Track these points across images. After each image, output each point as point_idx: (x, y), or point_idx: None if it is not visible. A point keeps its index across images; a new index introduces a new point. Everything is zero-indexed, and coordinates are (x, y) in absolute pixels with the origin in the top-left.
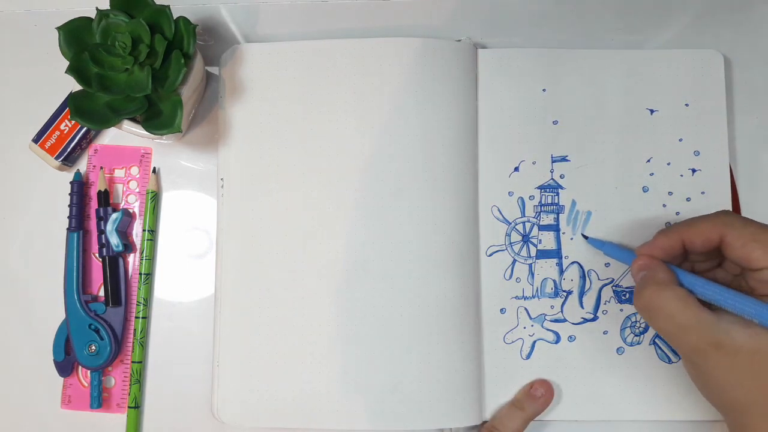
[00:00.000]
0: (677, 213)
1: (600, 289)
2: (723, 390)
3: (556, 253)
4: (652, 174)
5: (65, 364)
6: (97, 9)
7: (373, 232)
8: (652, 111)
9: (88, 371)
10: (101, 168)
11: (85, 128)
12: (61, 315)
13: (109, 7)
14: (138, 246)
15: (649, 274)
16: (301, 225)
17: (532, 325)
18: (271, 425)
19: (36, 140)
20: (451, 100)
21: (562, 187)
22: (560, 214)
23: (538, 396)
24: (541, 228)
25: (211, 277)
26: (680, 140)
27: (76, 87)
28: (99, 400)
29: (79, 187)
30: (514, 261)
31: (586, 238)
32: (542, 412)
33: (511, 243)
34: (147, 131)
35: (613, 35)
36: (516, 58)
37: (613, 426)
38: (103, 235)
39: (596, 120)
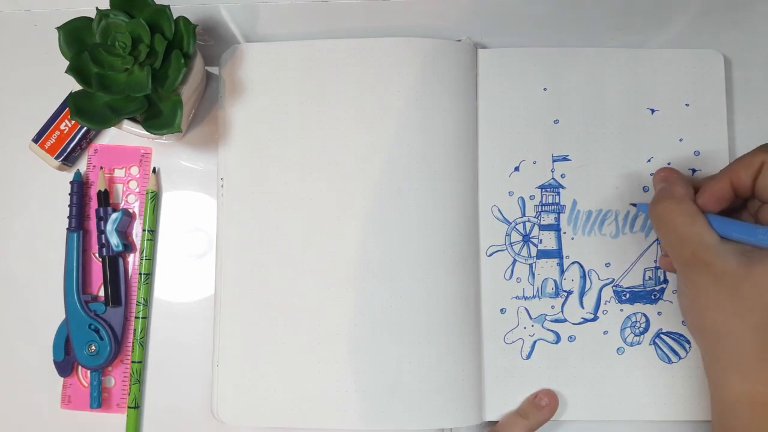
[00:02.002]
0: None
1: (600, 289)
2: (702, 311)
3: (557, 253)
4: (652, 174)
5: (65, 364)
6: (97, 9)
7: (373, 232)
8: (652, 111)
9: (88, 371)
10: (101, 168)
11: (85, 128)
12: (61, 315)
13: (109, 7)
14: (138, 246)
15: (667, 186)
16: (301, 225)
17: (532, 325)
18: (271, 425)
19: (36, 140)
20: (451, 100)
21: (562, 187)
22: (561, 214)
23: (542, 405)
24: (542, 228)
25: (211, 277)
26: (680, 140)
27: (76, 87)
28: (99, 400)
29: (79, 187)
30: (515, 261)
31: (635, 206)
32: (545, 423)
33: (511, 243)
34: (147, 131)
35: (613, 35)
36: (516, 58)
37: (613, 426)
38: (103, 235)
39: (597, 119)
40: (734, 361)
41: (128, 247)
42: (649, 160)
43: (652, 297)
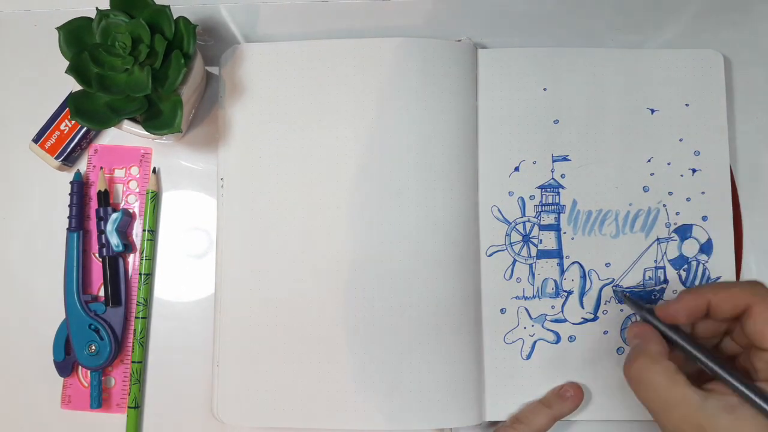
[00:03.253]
0: (677, 213)
1: (600, 289)
2: None
3: (557, 253)
4: (652, 174)
5: (65, 364)
6: (97, 9)
7: (373, 232)
8: (652, 111)
9: (88, 371)
10: (101, 168)
11: (85, 128)
12: (61, 315)
13: (109, 7)
14: (138, 246)
15: (641, 344)
16: (301, 225)
17: (532, 325)
18: (271, 425)
19: (36, 140)
20: (451, 100)
21: (562, 187)
22: (561, 214)
23: (567, 396)
24: (542, 228)
25: (211, 277)
26: (680, 140)
27: (76, 87)
28: (99, 400)
29: (79, 187)
30: (515, 261)
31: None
32: (569, 414)
33: (511, 243)
34: (147, 131)
35: (613, 35)
36: (516, 58)
37: (613, 426)
38: (103, 235)
39: (597, 119)
40: None
41: (128, 247)
42: (649, 160)
43: (652, 297)
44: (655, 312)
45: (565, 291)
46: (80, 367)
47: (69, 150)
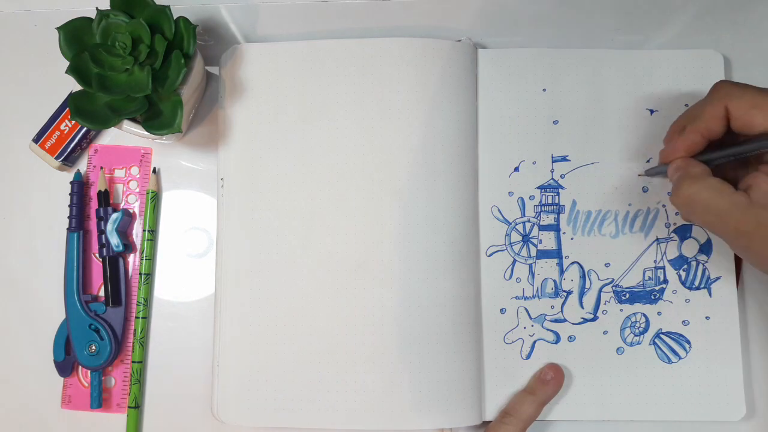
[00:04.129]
0: (677, 213)
1: (600, 289)
2: None
3: (557, 253)
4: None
5: (65, 364)
6: (97, 9)
7: (372, 232)
8: (652, 111)
9: (88, 371)
10: (101, 168)
11: (85, 128)
12: (61, 315)
13: (109, 7)
14: (138, 246)
15: (683, 172)
16: (301, 225)
17: (532, 325)
18: (271, 425)
19: (36, 140)
20: (451, 100)
21: (562, 187)
22: (560, 214)
23: (548, 379)
24: (542, 228)
25: (211, 277)
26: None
27: (76, 87)
28: (99, 400)
29: (79, 187)
30: (514, 261)
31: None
32: (553, 396)
33: (511, 243)
34: (147, 131)
35: (613, 35)
36: (516, 58)
37: (613, 426)
38: (103, 235)
39: (596, 120)
40: None
41: (128, 247)
42: (648, 161)
43: (652, 297)
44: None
45: (564, 291)
46: (80, 367)
47: (69, 150)
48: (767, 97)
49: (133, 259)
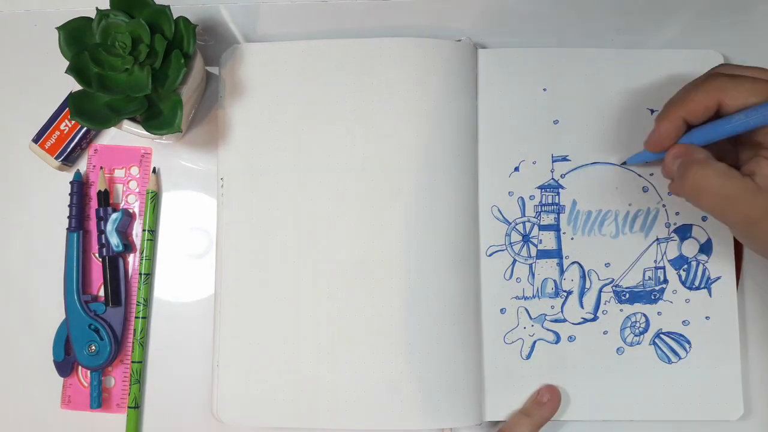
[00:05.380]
0: (677, 213)
1: (600, 289)
2: None
3: (557, 253)
4: (652, 174)
5: (65, 364)
6: (97, 9)
7: (372, 232)
8: (652, 111)
9: (88, 371)
10: (101, 168)
11: (85, 128)
12: (61, 315)
13: (109, 7)
14: (138, 246)
15: (686, 158)
16: (301, 225)
17: (532, 325)
18: (271, 425)
19: (36, 140)
20: (451, 100)
21: (562, 187)
22: (561, 214)
23: (544, 401)
24: (542, 228)
25: (211, 277)
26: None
27: (76, 87)
28: (99, 400)
29: (79, 187)
30: (515, 261)
31: (625, 163)
32: (550, 418)
33: (511, 243)
34: (147, 131)
35: (613, 35)
36: (516, 58)
37: (613, 426)
38: (103, 235)
39: (597, 119)
40: None
41: (128, 247)
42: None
43: (652, 297)
44: (646, 149)
45: (564, 291)
46: (80, 367)
47: (69, 150)
48: (763, 86)
49: (133, 259)
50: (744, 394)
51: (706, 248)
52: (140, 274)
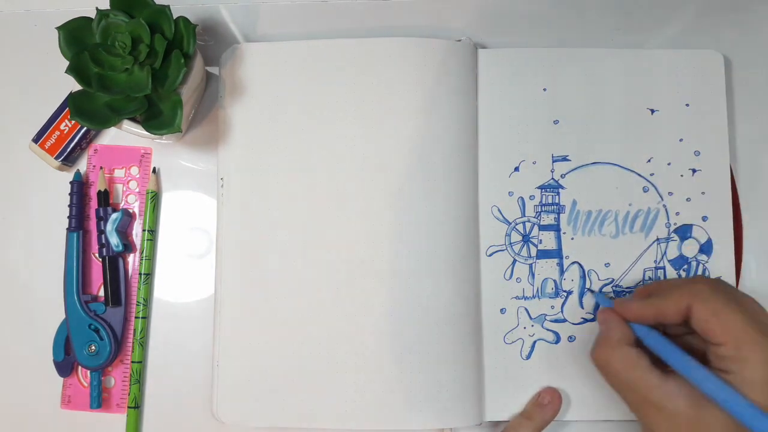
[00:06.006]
0: (677, 213)
1: (600, 290)
2: None
3: (557, 253)
4: (652, 174)
5: (65, 364)
6: (97, 9)
7: (372, 232)
8: (652, 111)
9: (88, 371)
10: (101, 168)
11: (85, 128)
12: (61, 315)
13: (109, 7)
14: (138, 246)
15: (605, 332)
16: (301, 225)
17: (532, 325)
18: (271, 425)
19: (36, 140)
20: (451, 100)
21: (562, 187)
22: (561, 214)
23: (545, 404)
24: (542, 228)
25: (211, 277)
26: (680, 140)
27: (76, 87)
28: (99, 400)
29: (79, 187)
30: (515, 261)
31: (592, 292)
32: (551, 421)
33: (511, 243)
34: (147, 131)
35: (613, 35)
36: (516, 58)
37: (613, 426)
38: (103, 235)
39: (596, 120)
40: None
41: (128, 247)
42: (649, 161)
43: None
44: (614, 305)
45: (564, 291)
46: (80, 367)
47: (69, 150)
48: (732, 307)
49: (132, 259)
50: None
51: (706, 248)
52: (140, 274)
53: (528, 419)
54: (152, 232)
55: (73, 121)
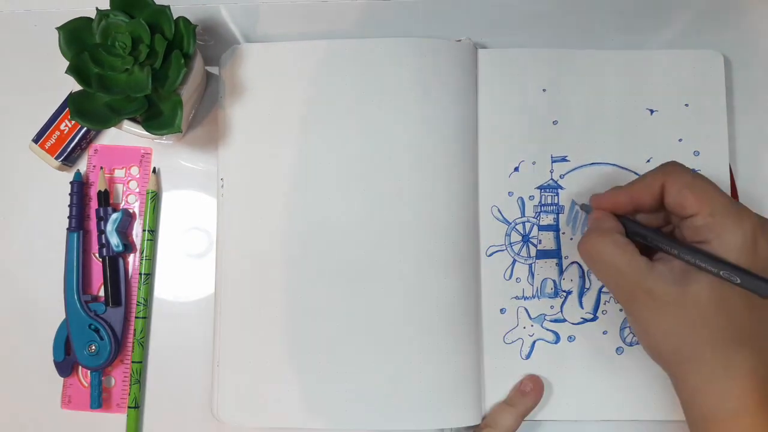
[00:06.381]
0: None
1: (600, 289)
2: (658, 338)
3: (556, 253)
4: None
5: (65, 364)
6: (97, 9)
7: (373, 232)
8: (652, 111)
9: (88, 371)
10: (101, 168)
11: (85, 128)
12: (61, 315)
13: (109, 7)
14: (138, 246)
15: (594, 224)
16: (301, 225)
17: (531, 325)
18: (271, 425)
19: (36, 140)
20: (451, 100)
21: (561, 188)
22: (560, 215)
23: (527, 391)
24: (541, 228)
25: (211, 277)
26: (680, 140)
27: (76, 87)
28: (99, 400)
29: (79, 187)
30: (514, 261)
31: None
32: (533, 408)
33: (511, 243)
34: (147, 131)
35: (613, 35)
36: (516, 58)
37: (613, 426)
38: (103, 235)
39: (596, 120)
40: (700, 381)
41: (128, 247)
42: (648, 161)
43: None
44: (591, 200)
45: (564, 291)
46: (80, 367)
47: (69, 150)
48: (703, 179)
49: (133, 259)
50: None
51: None
52: (140, 274)
53: (510, 406)
54: (152, 232)
55: (73, 122)
